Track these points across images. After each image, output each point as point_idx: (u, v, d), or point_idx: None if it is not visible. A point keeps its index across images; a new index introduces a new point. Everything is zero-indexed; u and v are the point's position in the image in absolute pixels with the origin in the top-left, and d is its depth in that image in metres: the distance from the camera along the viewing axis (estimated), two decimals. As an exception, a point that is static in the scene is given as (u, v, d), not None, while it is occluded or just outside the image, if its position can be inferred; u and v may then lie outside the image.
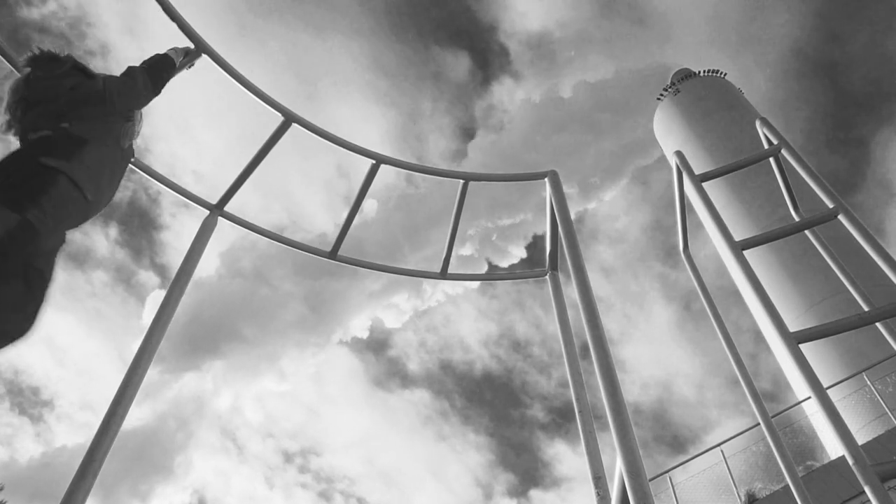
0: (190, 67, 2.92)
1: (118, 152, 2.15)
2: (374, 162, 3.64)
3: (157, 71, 2.45)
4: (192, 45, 2.92)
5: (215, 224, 3.33)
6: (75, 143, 1.91)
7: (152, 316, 2.88)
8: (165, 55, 2.57)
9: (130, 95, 2.25)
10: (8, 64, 2.65)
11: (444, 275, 3.97)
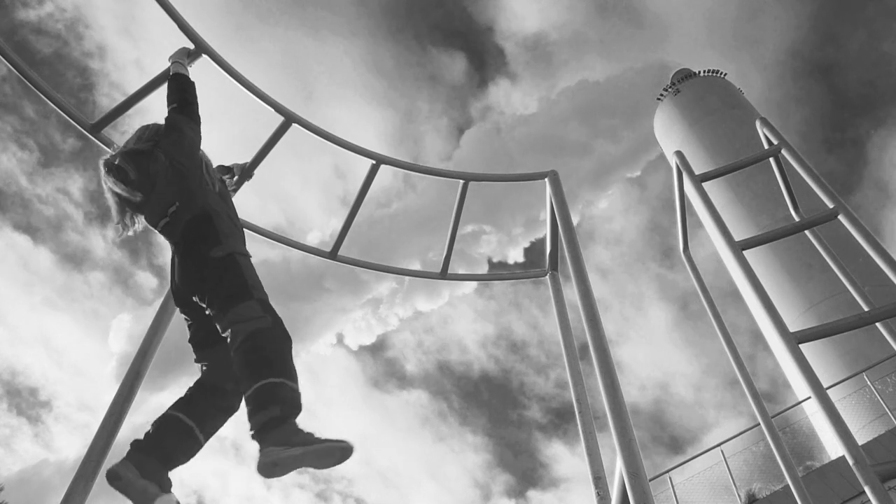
0: (189, 66, 2.93)
1: (218, 189, 2.39)
2: (373, 162, 3.64)
3: (188, 104, 2.49)
4: (190, 46, 2.90)
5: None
6: (208, 221, 2.15)
7: (150, 321, 2.88)
8: (179, 77, 2.59)
9: (189, 148, 2.37)
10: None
11: (443, 275, 3.97)
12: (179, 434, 1.99)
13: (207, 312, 2.07)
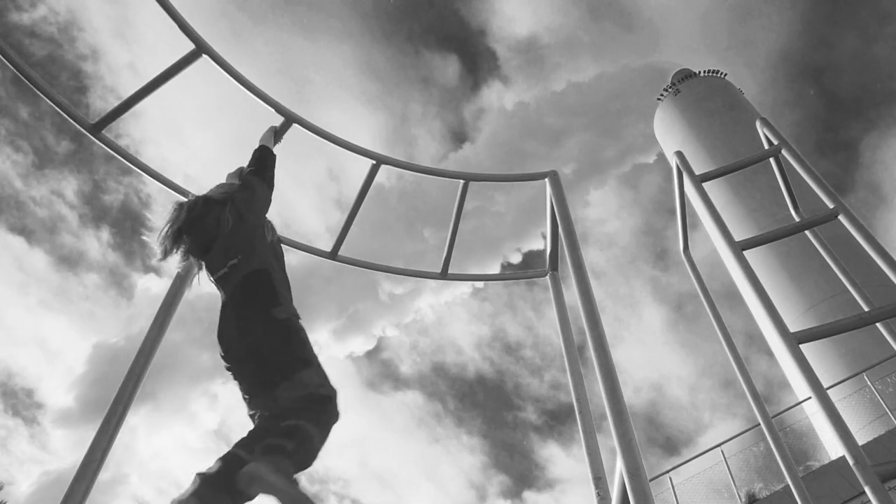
0: (279, 141, 3.13)
1: (276, 251, 2.42)
2: (374, 162, 3.65)
3: (265, 170, 2.68)
4: (277, 123, 3.17)
5: (215, 224, 3.33)
6: (267, 278, 2.18)
7: (154, 313, 2.88)
8: (263, 148, 2.80)
9: (258, 207, 2.50)
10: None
11: (444, 275, 3.98)
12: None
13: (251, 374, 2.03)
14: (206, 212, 2.36)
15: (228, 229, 2.31)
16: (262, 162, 2.71)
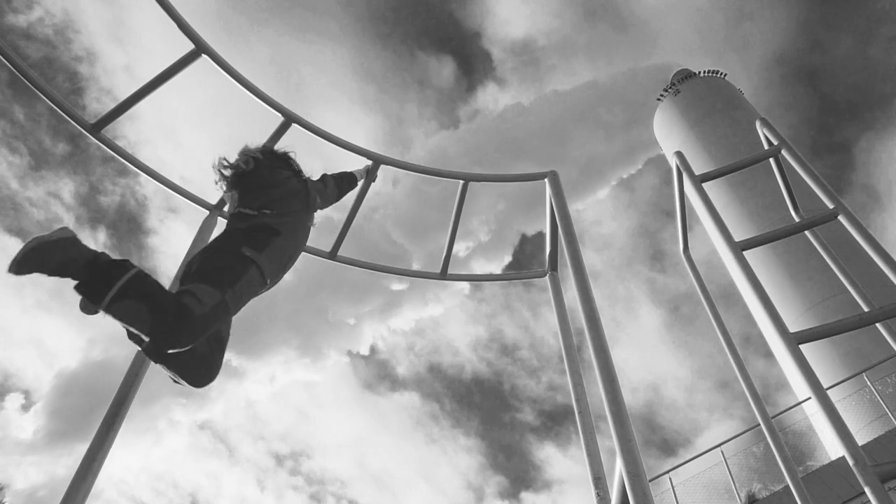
0: (374, 180, 3.55)
1: (302, 238, 2.57)
2: (372, 162, 3.64)
3: (342, 182, 3.06)
4: (370, 163, 3.52)
5: (215, 224, 3.33)
6: (271, 234, 2.33)
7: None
8: (352, 176, 3.21)
9: (325, 200, 2.86)
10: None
11: (444, 275, 3.97)
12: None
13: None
14: (281, 165, 2.64)
15: (288, 195, 2.51)
16: (343, 181, 3.11)
